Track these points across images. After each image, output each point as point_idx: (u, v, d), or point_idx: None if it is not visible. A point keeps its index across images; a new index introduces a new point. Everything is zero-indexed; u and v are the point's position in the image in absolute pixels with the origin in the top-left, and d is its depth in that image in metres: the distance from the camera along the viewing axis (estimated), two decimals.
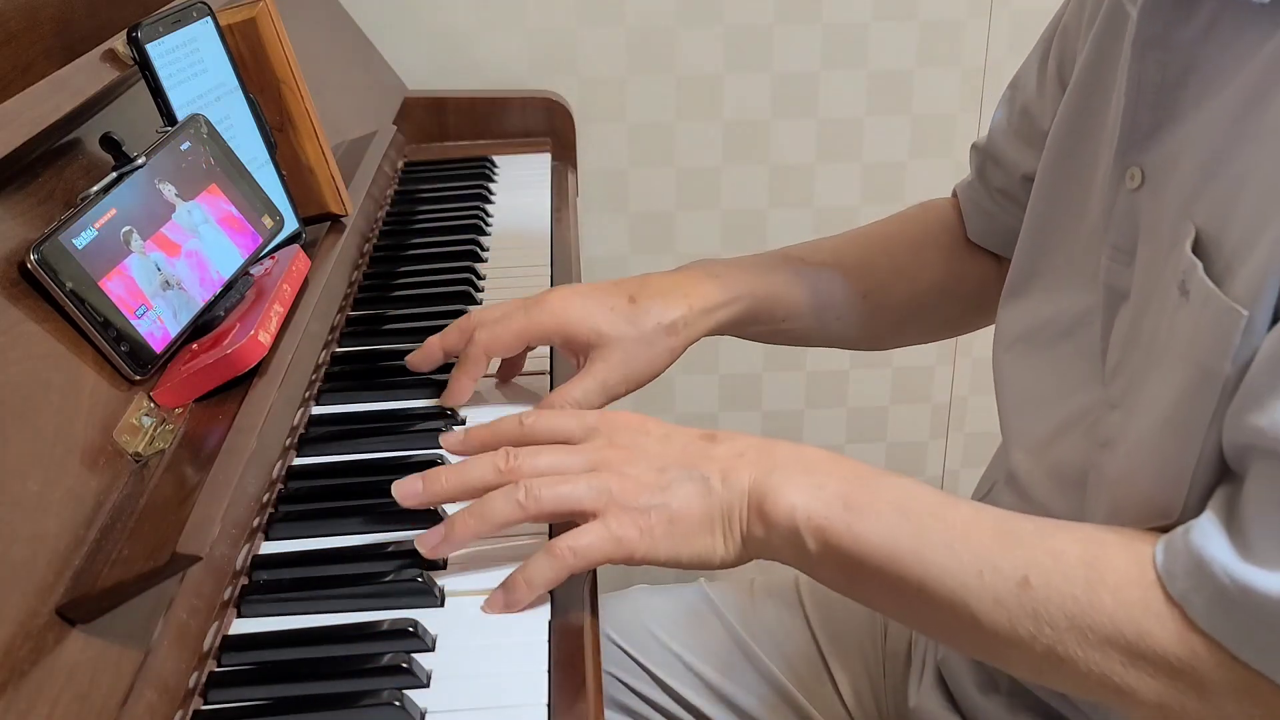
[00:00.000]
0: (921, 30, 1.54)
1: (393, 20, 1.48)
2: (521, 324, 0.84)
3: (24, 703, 0.50)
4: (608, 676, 0.95)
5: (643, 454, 0.68)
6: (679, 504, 0.66)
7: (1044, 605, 0.60)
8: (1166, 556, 0.59)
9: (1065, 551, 0.61)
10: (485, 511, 0.66)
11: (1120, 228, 0.69)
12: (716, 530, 0.66)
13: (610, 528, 0.65)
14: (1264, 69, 0.59)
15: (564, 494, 0.66)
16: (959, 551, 0.62)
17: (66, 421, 0.61)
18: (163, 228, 0.72)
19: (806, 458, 0.68)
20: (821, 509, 0.64)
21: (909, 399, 1.74)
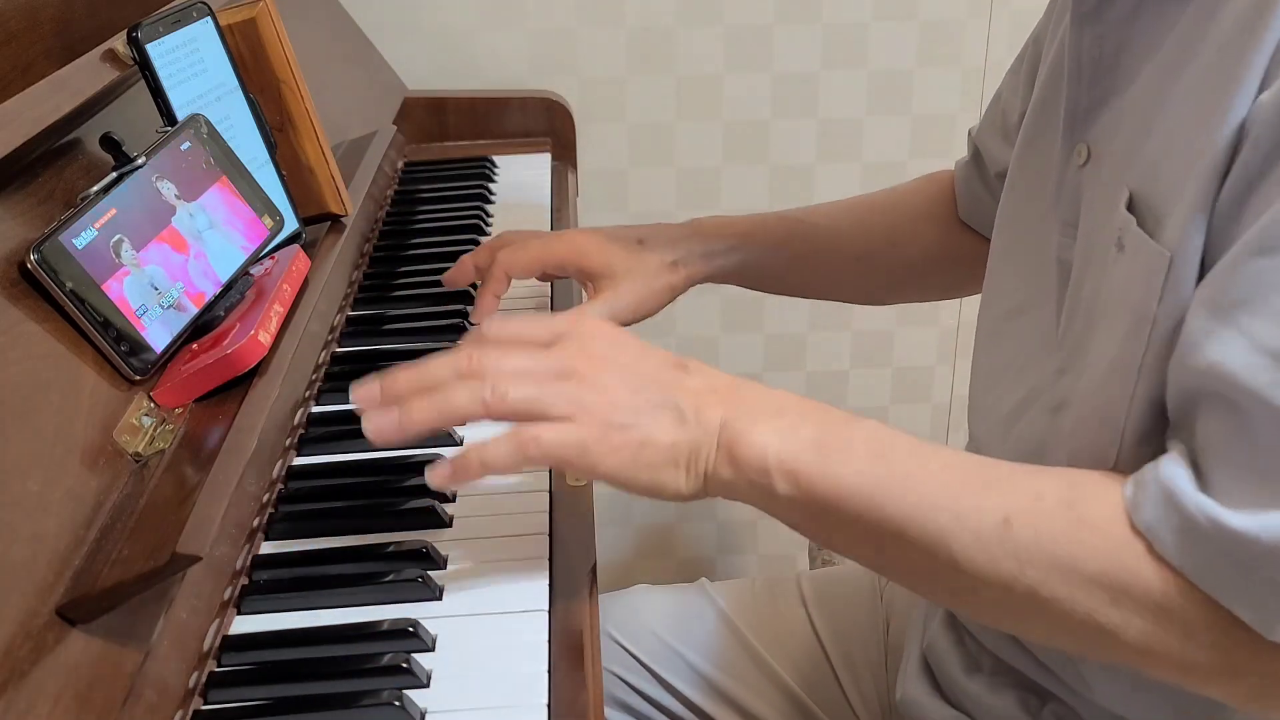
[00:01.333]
0: (921, 30, 1.54)
1: (393, 20, 1.48)
2: (539, 249, 0.93)
3: (24, 702, 0.50)
4: (609, 675, 0.95)
5: (616, 367, 0.65)
6: (651, 429, 0.63)
7: (1026, 545, 0.59)
8: (1135, 490, 0.59)
9: (1045, 492, 0.60)
10: (444, 400, 0.63)
11: (1068, 203, 0.71)
12: (681, 464, 0.64)
13: (580, 433, 0.62)
14: (1179, 40, 0.62)
15: (532, 395, 0.63)
16: (937, 494, 0.61)
17: (66, 421, 0.61)
18: (162, 230, 0.72)
19: (778, 400, 0.66)
20: (794, 451, 0.63)
21: (909, 399, 1.74)
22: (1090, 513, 0.59)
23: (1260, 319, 0.54)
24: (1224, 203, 0.57)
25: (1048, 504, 0.60)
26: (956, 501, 0.61)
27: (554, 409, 0.63)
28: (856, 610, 0.97)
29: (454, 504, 0.76)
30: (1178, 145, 0.60)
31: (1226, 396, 0.55)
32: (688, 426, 0.64)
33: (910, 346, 1.71)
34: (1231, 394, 0.55)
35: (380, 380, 0.64)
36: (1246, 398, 0.54)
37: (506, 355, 0.65)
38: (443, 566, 0.70)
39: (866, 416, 0.66)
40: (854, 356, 1.71)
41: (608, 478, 0.64)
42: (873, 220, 1.01)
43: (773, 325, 1.68)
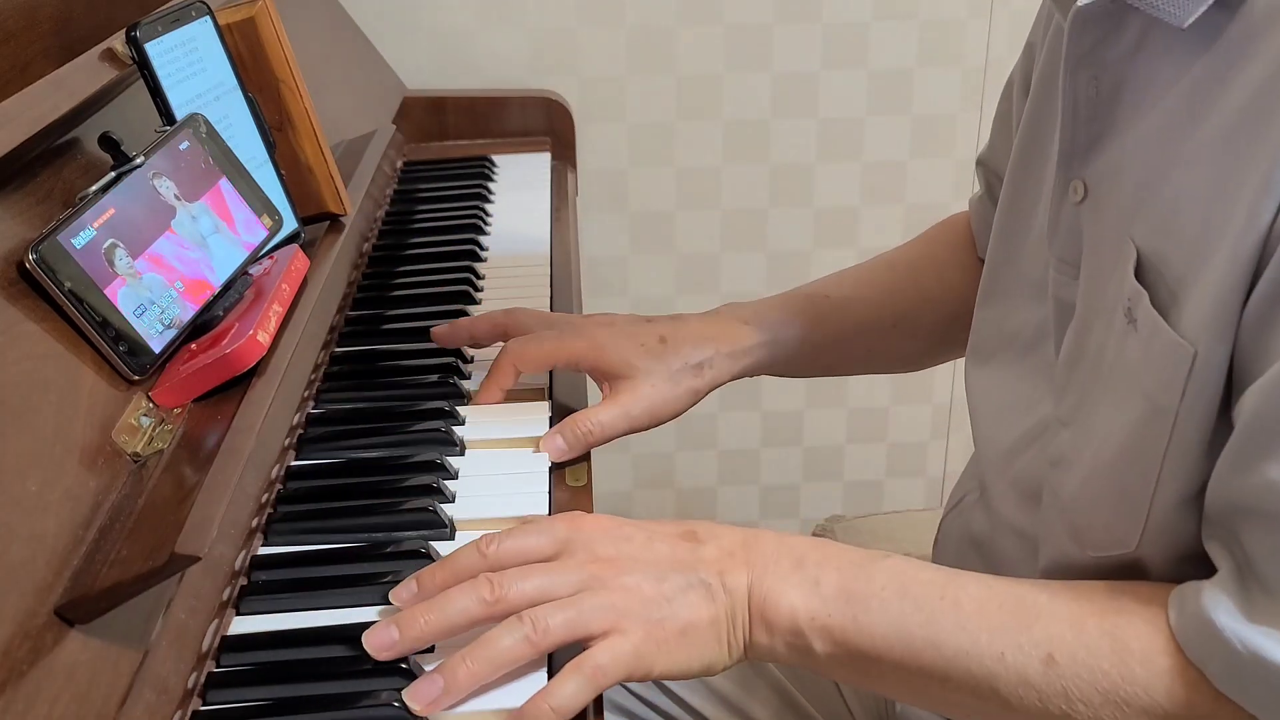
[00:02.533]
0: (921, 30, 1.54)
1: (393, 20, 1.47)
2: (554, 345, 0.85)
3: (22, 703, 0.50)
4: None
5: (633, 563, 0.65)
6: (687, 613, 0.63)
7: (1074, 682, 0.59)
8: (1180, 620, 0.58)
9: (1085, 623, 0.60)
10: (492, 654, 0.60)
11: (1065, 241, 0.69)
12: (723, 637, 0.64)
13: (631, 642, 0.62)
14: (1189, 93, 0.60)
15: (572, 619, 0.62)
16: (976, 633, 0.61)
17: (65, 421, 0.61)
18: (161, 233, 0.72)
19: (796, 549, 0.66)
20: (822, 606, 0.63)
21: (909, 399, 1.74)
22: (1135, 643, 0.59)
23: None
24: (1254, 310, 0.55)
25: (1090, 636, 0.59)
26: (996, 640, 0.60)
27: (593, 626, 0.62)
28: None
29: (453, 505, 0.76)
30: (1193, 217, 0.59)
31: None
32: (718, 599, 0.64)
33: None
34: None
35: (396, 626, 0.62)
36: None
37: (526, 576, 0.63)
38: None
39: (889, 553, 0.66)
40: None
41: (666, 675, 0.64)
42: (898, 282, 0.96)
43: None
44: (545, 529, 0.66)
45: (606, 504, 1.70)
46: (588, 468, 0.82)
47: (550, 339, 0.86)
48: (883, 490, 1.80)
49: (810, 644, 0.63)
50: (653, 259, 1.63)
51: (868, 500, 1.80)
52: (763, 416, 1.73)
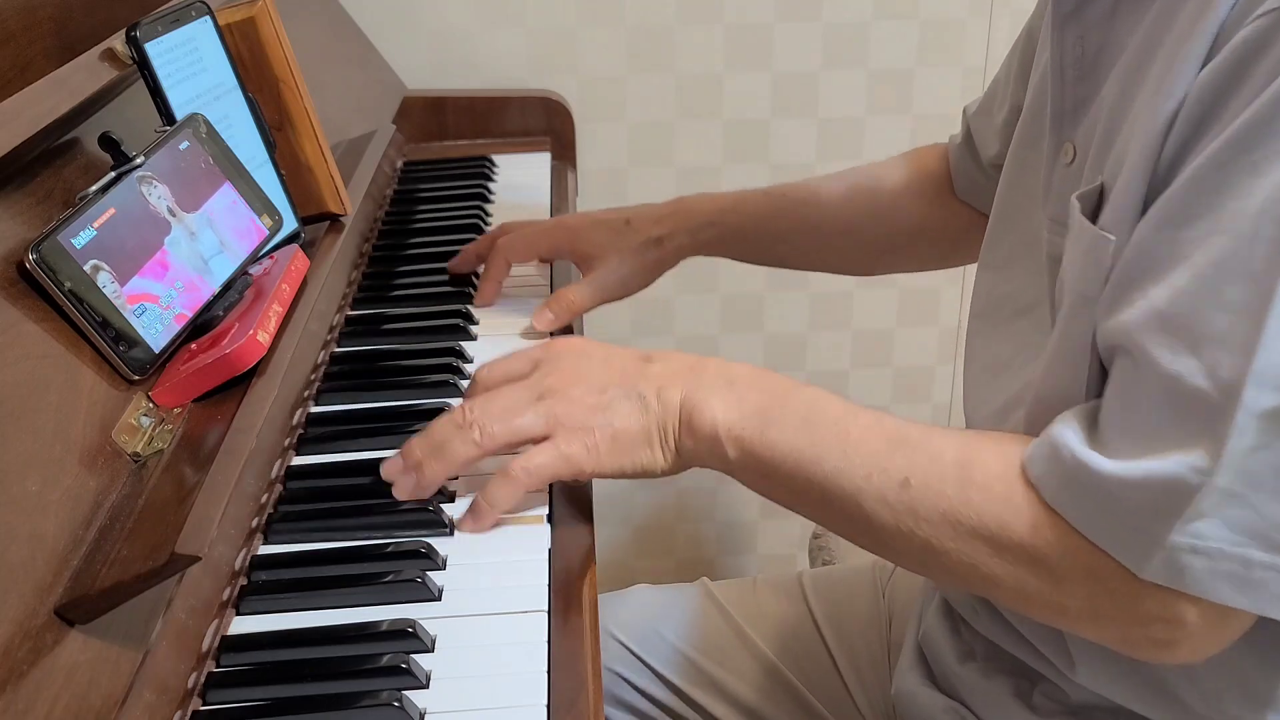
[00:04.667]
0: (922, 29, 1.54)
1: (393, 20, 1.47)
2: (535, 234, 1.03)
3: (22, 703, 0.50)
4: (611, 674, 0.95)
5: (584, 376, 0.73)
6: (620, 421, 0.72)
7: (921, 503, 0.65)
8: (1033, 446, 0.64)
9: (943, 453, 0.66)
10: (446, 453, 0.72)
11: (1056, 201, 0.72)
12: (655, 443, 0.72)
13: (559, 447, 0.71)
14: (1144, 38, 0.65)
15: (514, 425, 0.72)
16: (852, 456, 0.68)
17: (65, 421, 0.61)
18: (155, 245, 0.72)
19: (731, 373, 0.73)
20: (739, 420, 0.71)
21: (909, 399, 1.74)
22: (980, 472, 0.65)
23: (1159, 285, 0.58)
24: (1156, 180, 0.60)
25: (943, 465, 0.66)
26: (866, 464, 0.67)
27: (532, 430, 0.72)
28: (858, 607, 0.97)
29: (453, 505, 0.76)
30: (1136, 139, 0.62)
31: (1127, 353, 0.60)
32: (651, 410, 0.72)
33: (910, 346, 1.71)
34: (1128, 350, 0.60)
35: (402, 455, 0.74)
36: (1137, 352, 0.59)
37: (493, 397, 0.74)
38: (442, 567, 0.70)
39: None
40: (854, 356, 1.70)
41: (596, 474, 0.73)
42: (858, 196, 1.06)
43: (773, 325, 1.67)
44: (523, 353, 0.77)
45: (607, 502, 1.70)
46: None
47: (532, 231, 1.03)
48: None
49: (725, 451, 0.71)
50: None
51: None
52: None
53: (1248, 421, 0.55)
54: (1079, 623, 0.64)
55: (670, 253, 1.03)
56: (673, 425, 0.72)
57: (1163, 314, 0.58)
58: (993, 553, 0.64)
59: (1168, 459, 0.57)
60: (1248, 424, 0.55)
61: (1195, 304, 0.57)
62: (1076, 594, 0.62)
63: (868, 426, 0.69)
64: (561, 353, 0.76)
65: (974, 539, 0.64)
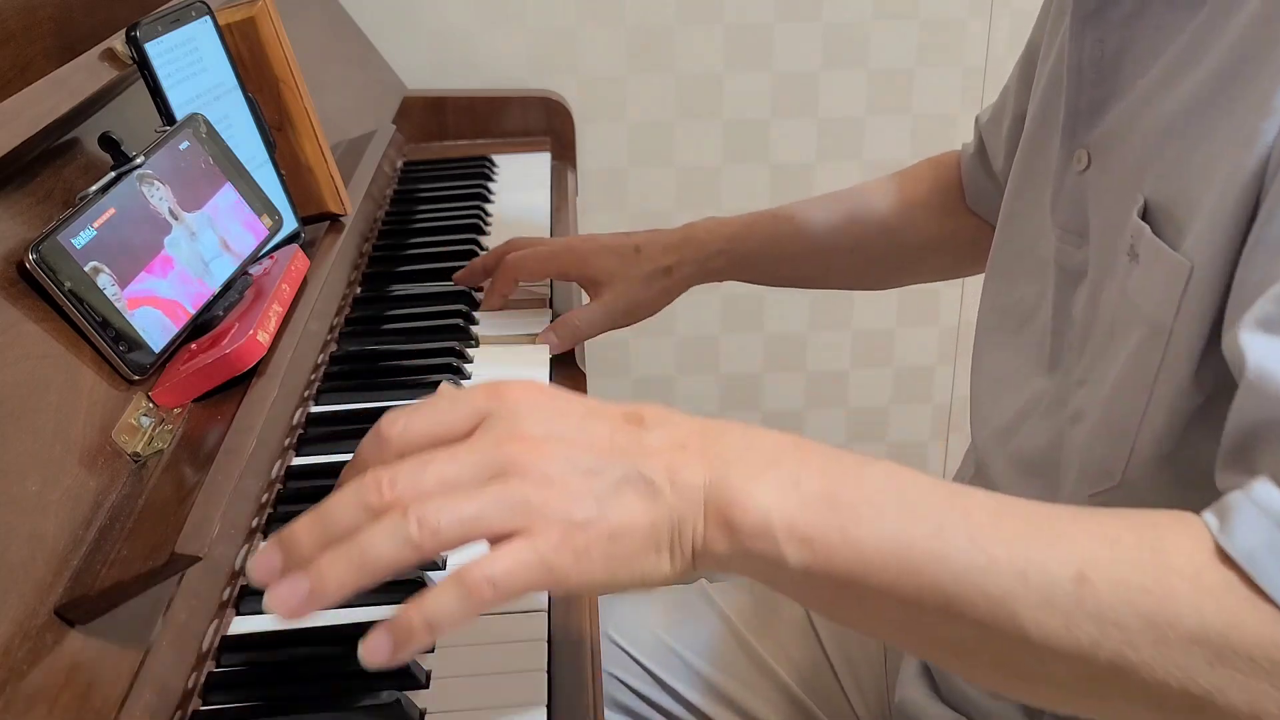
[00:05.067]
0: (922, 29, 1.54)
1: (393, 20, 1.48)
2: (546, 255, 1.00)
3: (22, 703, 0.50)
4: (609, 677, 0.95)
5: (561, 446, 0.52)
6: (620, 516, 0.51)
7: (1109, 603, 0.49)
8: (1221, 519, 0.51)
9: (1119, 537, 0.51)
10: (364, 554, 0.49)
11: (1068, 209, 0.70)
12: (663, 546, 0.52)
13: (538, 550, 0.49)
14: (1190, 41, 0.61)
15: (469, 516, 0.49)
16: (992, 548, 0.50)
17: (65, 421, 0.61)
18: (155, 247, 0.72)
19: (764, 445, 0.54)
20: (801, 511, 0.51)
21: (909, 399, 1.74)
22: (1178, 558, 0.50)
23: None
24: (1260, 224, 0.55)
25: (1127, 550, 0.50)
26: (1015, 556, 0.50)
27: (496, 525, 0.50)
28: None
29: None
30: (1198, 153, 0.59)
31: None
32: (662, 499, 0.52)
33: (910, 346, 1.71)
34: None
35: (278, 542, 0.50)
36: None
37: (424, 465, 0.51)
38: (442, 567, 0.70)
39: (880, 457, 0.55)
40: (854, 356, 1.70)
41: (585, 590, 0.54)
42: (866, 212, 1.04)
43: (773, 325, 1.67)
44: (461, 399, 0.53)
45: None
46: None
47: (543, 251, 1.01)
48: None
49: (783, 554, 0.51)
50: None
51: None
52: (762, 416, 1.73)
53: None
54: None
55: (679, 282, 1.01)
56: (695, 523, 0.52)
57: None
58: (1215, 661, 0.49)
59: None
60: None
61: None
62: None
63: (993, 508, 0.52)
64: (520, 408, 0.53)
65: (1191, 645, 0.49)
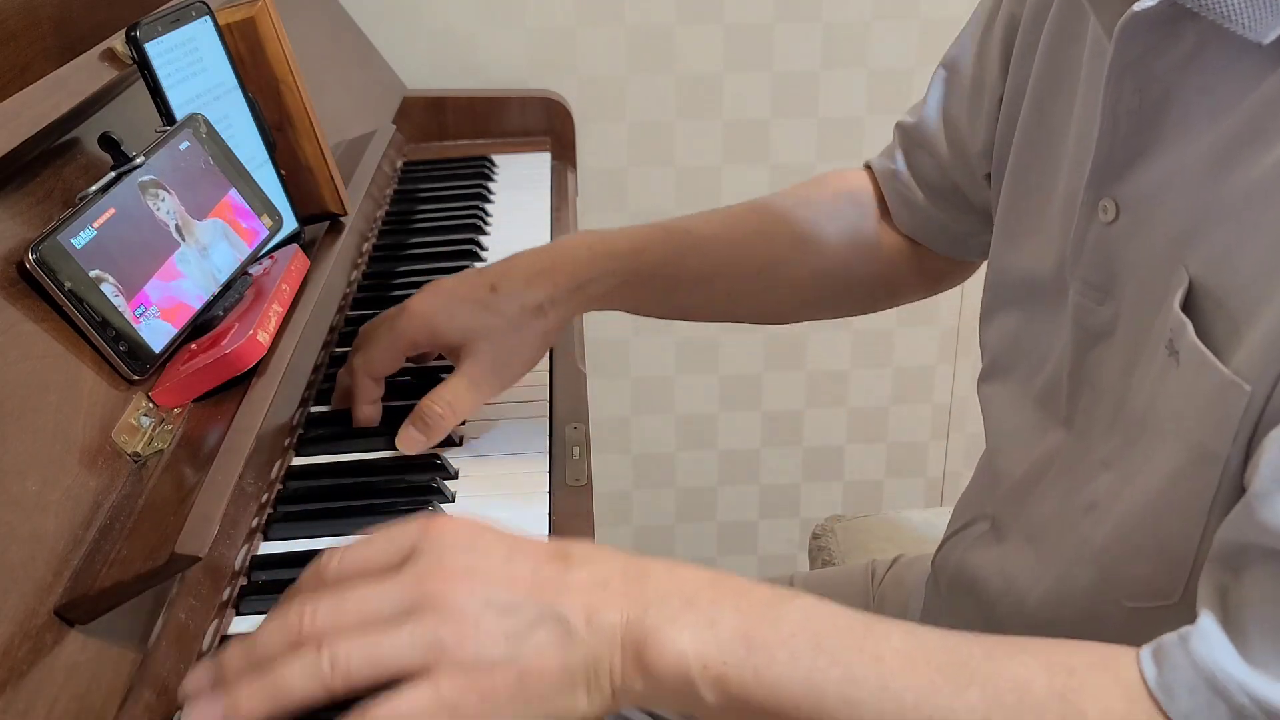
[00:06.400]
0: (922, 30, 1.54)
1: (393, 20, 1.48)
2: (389, 340, 0.81)
3: (22, 703, 0.50)
4: None
5: (480, 582, 0.53)
6: (531, 657, 0.51)
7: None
8: (1160, 671, 0.51)
9: (1030, 684, 0.51)
10: (276, 687, 0.51)
11: (1093, 263, 0.65)
12: (578, 686, 0.52)
13: (441, 693, 0.50)
14: (1258, 111, 0.55)
15: (378, 654, 0.50)
16: (900, 694, 0.51)
17: (65, 421, 0.61)
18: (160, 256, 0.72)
19: (685, 584, 0.55)
20: (718, 653, 0.52)
21: (909, 399, 1.74)
22: (1091, 706, 0.50)
23: None
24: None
25: (1036, 699, 0.51)
26: (924, 706, 0.51)
27: (404, 663, 0.51)
28: None
29: (453, 505, 0.76)
30: (1259, 246, 0.54)
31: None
32: (577, 639, 0.52)
33: (910, 346, 1.71)
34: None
35: (209, 670, 0.53)
36: None
37: (344, 597, 0.52)
38: None
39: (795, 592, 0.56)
40: (854, 356, 1.70)
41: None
42: (770, 226, 0.89)
43: (772, 326, 1.67)
44: (394, 535, 0.55)
45: (606, 504, 1.70)
46: (588, 467, 0.82)
47: (385, 336, 0.81)
48: (883, 490, 1.80)
49: (700, 694, 0.52)
50: None
51: (868, 500, 1.80)
52: (762, 416, 1.73)
53: None
54: None
55: (555, 321, 0.81)
56: (612, 662, 0.52)
57: None
58: None
59: None
60: None
61: None
62: None
63: (906, 651, 0.53)
64: (446, 542, 0.54)
65: None
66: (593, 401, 0.87)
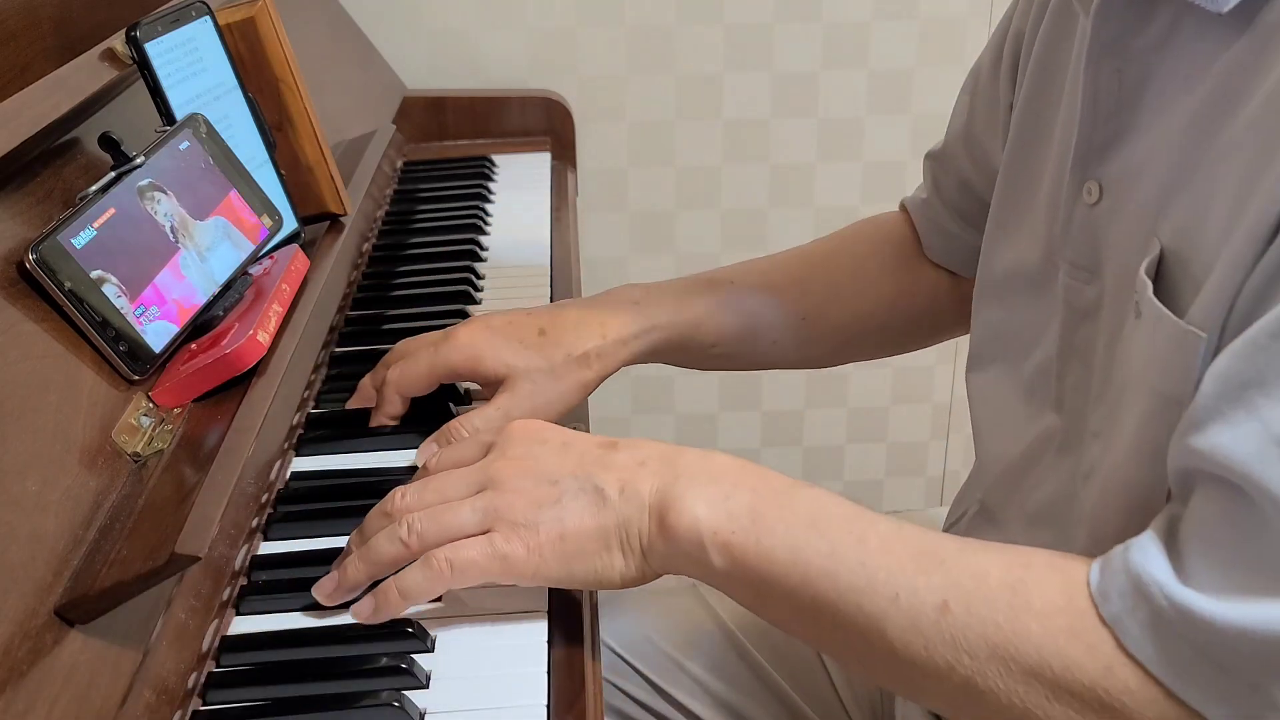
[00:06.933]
0: (922, 30, 1.54)
1: (393, 20, 1.48)
2: (429, 362, 0.82)
3: (22, 703, 0.50)
4: (607, 685, 0.94)
5: (535, 464, 0.63)
6: (571, 518, 0.62)
7: (963, 632, 0.56)
8: (1102, 577, 0.55)
9: (988, 573, 0.57)
10: (371, 553, 0.63)
11: (1078, 244, 0.67)
12: (614, 546, 0.62)
13: (495, 545, 0.61)
14: (1224, 78, 0.57)
15: (447, 523, 0.62)
16: (874, 571, 0.58)
17: (65, 421, 0.61)
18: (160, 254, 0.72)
19: (714, 465, 0.63)
20: (727, 522, 0.60)
21: (909, 399, 1.74)
22: (1038, 598, 0.56)
23: (1276, 404, 0.50)
24: (1256, 278, 0.53)
25: (990, 587, 0.57)
26: (892, 582, 0.58)
27: (467, 527, 0.62)
28: None
29: None
30: (1219, 209, 0.56)
31: (1228, 481, 0.52)
32: (610, 505, 0.62)
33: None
34: (1235, 479, 0.51)
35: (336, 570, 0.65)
36: (1252, 486, 0.51)
37: (429, 485, 0.65)
38: None
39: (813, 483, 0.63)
40: None
41: (540, 581, 0.63)
42: (812, 273, 0.93)
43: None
44: (478, 437, 0.69)
45: None
46: None
47: (426, 358, 0.82)
48: (883, 490, 1.81)
49: (709, 558, 0.61)
50: (652, 259, 1.63)
51: (868, 500, 1.80)
52: (762, 416, 1.73)
53: None
54: None
55: (597, 374, 0.83)
56: (640, 525, 0.62)
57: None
58: (1051, 696, 0.55)
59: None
60: None
61: None
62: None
63: (889, 536, 0.60)
64: (514, 437, 0.66)
65: (1030, 679, 0.55)
66: (593, 401, 0.87)
